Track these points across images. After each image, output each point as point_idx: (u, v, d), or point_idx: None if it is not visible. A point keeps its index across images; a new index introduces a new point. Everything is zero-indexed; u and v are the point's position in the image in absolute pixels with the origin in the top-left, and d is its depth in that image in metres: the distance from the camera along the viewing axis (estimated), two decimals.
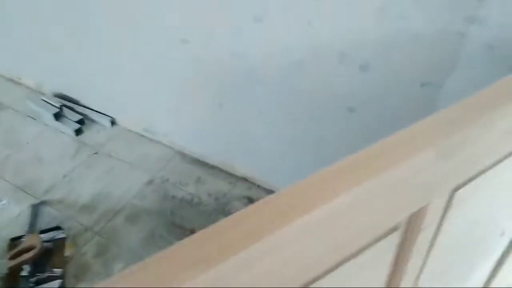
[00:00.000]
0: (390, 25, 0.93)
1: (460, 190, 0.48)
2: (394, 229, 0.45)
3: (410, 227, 0.47)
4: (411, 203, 0.44)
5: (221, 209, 1.57)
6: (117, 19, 1.45)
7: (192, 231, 1.50)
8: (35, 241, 1.35)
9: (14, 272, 1.28)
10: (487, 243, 0.75)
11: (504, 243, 0.84)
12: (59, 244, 1.41)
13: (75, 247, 1.44)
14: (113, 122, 1.93)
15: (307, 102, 1.21)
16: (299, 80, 1.18)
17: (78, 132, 1.88)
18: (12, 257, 1.28)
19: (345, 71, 1.08)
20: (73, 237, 1.47)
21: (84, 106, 1.97)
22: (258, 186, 1.65)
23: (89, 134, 1.90)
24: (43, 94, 2.06)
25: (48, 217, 1.52)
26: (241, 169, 1.68)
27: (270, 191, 1.63)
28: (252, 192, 1.64)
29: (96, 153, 1.81)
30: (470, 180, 0.48)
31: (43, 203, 1.58)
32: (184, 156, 1.79)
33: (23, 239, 1.39)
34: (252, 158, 1.60)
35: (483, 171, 0.50)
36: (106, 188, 1.66)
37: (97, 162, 1.77)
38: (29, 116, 1.99)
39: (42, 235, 1.40)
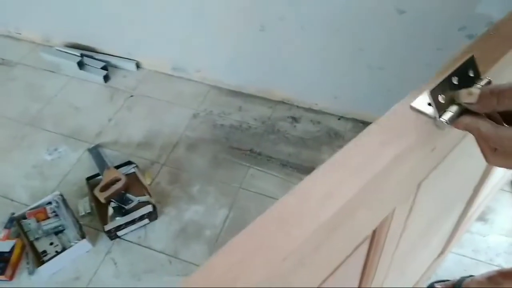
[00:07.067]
0: None
1: (424, 182, 0.45)
2: (365, 239, 0.42)
3: (378, 234, 0.44)
4: (383, 210, 0.41)
5: (270, 130, 1.71)
6: None
7: (251, 151, 1.63)
8: (116, 174, 1.40)
9: (105, 204, 1.34)
10: (447, 215, 0.83)
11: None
12: (134, 176, 1.48)
13: (151, 177, 1.51)
14: (138, 66, 1.93)
15: (353, 6, 1.33)
16: None
17: (106, 78, 1.87)
18: (102, 190, 1.33)
19: None
20: (143, 171, 1.54)
21: (104, 53, 1.94)
22: (297, 106, 1.80)
23: (116, 80, 1.90)
24: (51, 47, 1.98)
25: (110, 157, 1.56)
26: (278, 94, 1.80)
27: (309, 110, 1.79)
28: (293, 112, 1.78)
29: (132, 96, 1.83)
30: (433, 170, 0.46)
31: (99, 146, 1.61)
32: (220, 90, 1.87)
33: (100, 177, 1.43)
34: (289, 81, 1.73)
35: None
36: (155, 126, 1.71)
37: (136, 104, 1.80)
38: (46, 70, 1.92)
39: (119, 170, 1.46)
